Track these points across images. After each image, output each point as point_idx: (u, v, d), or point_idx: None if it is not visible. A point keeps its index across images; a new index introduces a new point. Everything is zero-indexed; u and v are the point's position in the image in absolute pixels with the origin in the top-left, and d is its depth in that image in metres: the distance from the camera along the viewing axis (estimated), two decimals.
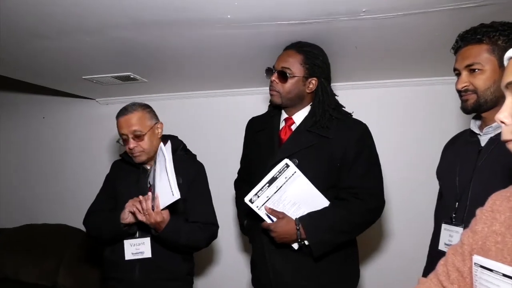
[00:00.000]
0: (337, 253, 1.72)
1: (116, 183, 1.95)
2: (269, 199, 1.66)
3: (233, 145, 2.34)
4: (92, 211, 1.95)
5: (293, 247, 1.70)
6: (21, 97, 3.51)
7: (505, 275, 0.81)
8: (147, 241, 1.82)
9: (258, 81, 2.64)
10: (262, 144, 1.86)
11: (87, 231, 1.95)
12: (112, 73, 2.44)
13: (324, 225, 1.65)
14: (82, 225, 1.96)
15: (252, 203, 1.67)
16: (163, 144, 1.78)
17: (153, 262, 1.82)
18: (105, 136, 3.25)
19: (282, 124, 1.84)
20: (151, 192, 1.72)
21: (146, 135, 1.82)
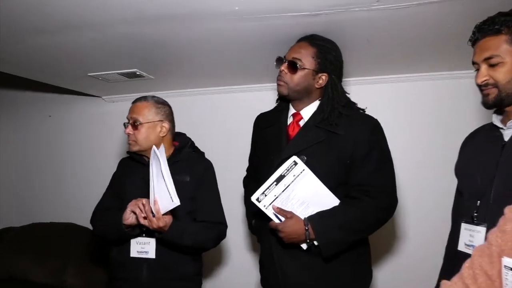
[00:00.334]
0: (348, 253, 1.66)
1: (123, 180, 1.94)
2: (276, 198, 1.61)
3: (241, 143, 2.30)
4: (98, 210, 1.94)
5: (301, 247, 1.64)
6: (26, 95, 3.50)
7: None
8: (152, 241, 1.80)
9: (267, 77, 2.58)
10: (270, 140, 1.80)
11: (93, 230, 1.95)
12: (118, 69, 2.43)
13: (334, 224, 1.59)
14: (89, 223, 1.96)
15: (259, 202, 1.62)
16: (164, 145, 1.75)
17: (161, 262, 1.80)
18: (112, 134, 3.23)
19: (290, 120, 1.79)
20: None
21: (143, 126, 1.82)
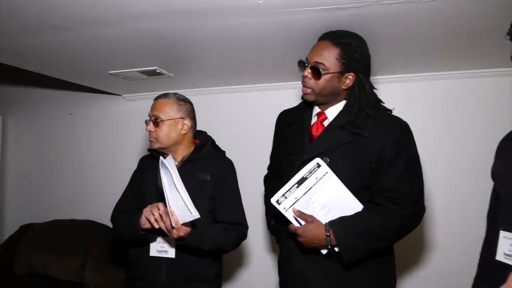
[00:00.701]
0: (371, 261, 1.57)
1: (143, 177, 1.92)
2: (297, 200, 1.54)
3: (263, 141, 2.24)
4: (118, 211, 1.93)
5: (321, 252, 1.57)
6: (47, 94, 3.53)
7: None
8: (172, 240, 1.76)
9: (290, 74, 2.52)
10: (292, 139, 1.73)
11: (113, 230, 1.93)
12: (138, 67, 2.41)
13: (356, 231, 1.51)
14: (109, 221, 1.95)
15: (279, 204, 1.55)
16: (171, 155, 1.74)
17: (180, 263, 1.77)
18: (132, 132, 3.23)
19: (314, 119, 1.71)
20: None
21: (164, 123, 1.80)
